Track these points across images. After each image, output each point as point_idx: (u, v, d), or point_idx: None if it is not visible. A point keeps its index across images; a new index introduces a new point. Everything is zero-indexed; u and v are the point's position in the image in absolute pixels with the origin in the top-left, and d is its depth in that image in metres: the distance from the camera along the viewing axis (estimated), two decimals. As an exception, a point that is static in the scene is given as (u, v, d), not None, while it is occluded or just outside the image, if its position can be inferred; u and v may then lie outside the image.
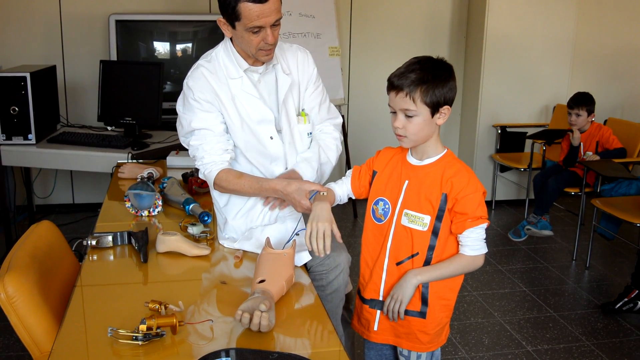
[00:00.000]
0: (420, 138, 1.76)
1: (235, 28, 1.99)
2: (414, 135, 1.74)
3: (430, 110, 1.71)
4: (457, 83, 1.78)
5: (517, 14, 4.90)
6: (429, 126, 1.74)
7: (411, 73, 1.70)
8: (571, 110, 4.29)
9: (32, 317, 1.70)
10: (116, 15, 4.26)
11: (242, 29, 1.97)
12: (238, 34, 2.00)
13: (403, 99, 1.71)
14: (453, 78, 1.75)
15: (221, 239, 2.22)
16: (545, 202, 4.36)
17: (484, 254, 1.80)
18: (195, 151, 2.13)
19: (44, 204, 4.77)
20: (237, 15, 1.93)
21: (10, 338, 3.01)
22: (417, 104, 1.70)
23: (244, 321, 1.56)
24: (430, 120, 1.73)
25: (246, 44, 2.01)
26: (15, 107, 3.56)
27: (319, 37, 4.46)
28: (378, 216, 1.87)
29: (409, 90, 1.69)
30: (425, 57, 1.75)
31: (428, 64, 1.72)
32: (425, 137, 1.76)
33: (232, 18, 1.96)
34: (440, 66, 1.74)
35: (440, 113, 1.73)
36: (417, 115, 1.71)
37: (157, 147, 3.56)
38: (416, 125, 1.72)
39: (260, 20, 1.92)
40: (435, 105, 1.71)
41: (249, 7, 1.91)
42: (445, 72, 1.73)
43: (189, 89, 2.11)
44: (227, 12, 1.96)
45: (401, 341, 1.88)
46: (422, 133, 1.75)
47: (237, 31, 2.00)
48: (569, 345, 3.10)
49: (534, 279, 3.88)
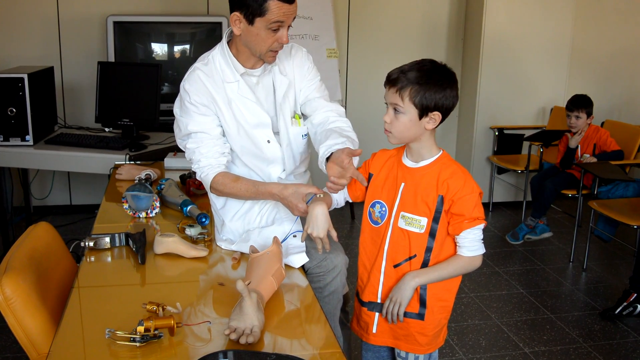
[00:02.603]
0: (405, 137, 1.76)
1: (254, 24, 1.98)
2: (399, 133, 1.75)
3: (418, 112, 1.70)
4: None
5: (515, 16, 4.91)
6: (415, 127, 1.73)
7: (409, 72, 1.70)
8: (570, 113, 4.29)
9: (29, 319, 1.70)
10: (114, 17, 4.26)
11: (262, 26, 1.97)
12: (254, 31, 1.99)
13: (394, 95, 1.71)
14: (452, 87, 1.72)
15: (219, 240, 2.22)
16: (543, 205, 4.37)
17: (481, 255, 1.80)
18: (192, 154, 2.13)
19: (42, 205, 4.76)
20: (263, 10, 1.94)
21: (7, 339, 3.00)
22: (404, 102, 1.70)
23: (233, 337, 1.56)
24: (418, 122, 1.72)
25: (259, 42, 2.01)
26: (12, 108, 3.56)
27: (316, 38, 4.46)
28: (375, 219, 1.87)
29: (400, 86, 1.70)
30: (429, 60, 1.74)
31: (427, 67, 1.71)
32: (411, 137, 1.76)
33: (256, 13, 1.95)
34: (440, 71, 1.72)
35: (429, 117, 1.72)
36: (404, 114, 1.71)
37: (154, 149, 3.55)
38: (402, 124, 1.73)
39: (284, 17, 1.96)
40: (424, 108, 1.70)
41: (278, 5, 1.94)
42: (444, 79, 1.71)
43: (185, 92, 2.11)
44: (250, 7, 1.95)
45: (400, 343, 1.89)
46: (407, 132, 1.74)
47: (253, 28, 1.99)
48: (566, 347, 3.11)
49: (531, 280, 3.89)
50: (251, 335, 1.55)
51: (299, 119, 2.21)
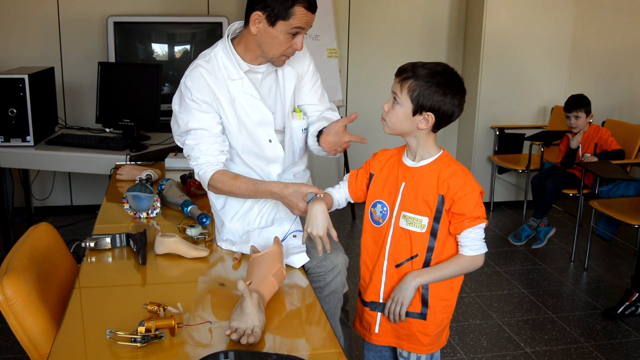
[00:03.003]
0: (397, 129, 1.77)
1: (275, 26, 1.99)
2: (392, 123, 1.76)
3: (413, 108, 1.71)
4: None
5: (515, 15, 4.90)
6: (407, 122, 1.74)
7: (419, 67, 1.71)
8: (569, 114, 4.28)
9: (30, 319, 1.69)
10: (114, 17, 4.26)
11: (283, 29, 1.99)
12: (273, 33, 2.00)
13: (397, 84, 1.73)
14: (454, 94, 1.70)
15: (219, 241, 2.22)
16: (545, 205, 4.36)
17: (483, 254, 1.80)
18: (191, 151, 2.12)
19: (42, 205, 4.77)
20: (288, 14, 1.96)
21: (8, 340, 3.00)
22: (402, 93, 1.71)
23: (234, 338, 1.56)
24: (411, 117, 1.72)
25: (275, 45, 2.02)
26: (13, 108, 3.56)
27: (317, 38, 4.46)
28: (376, 219, 1.87)
29: (403, 77, 1.71)
30: (444, 64, 1.74)
31: (437, 68, 1.71)
32: (403, 131, 1.77)
33: (280, 16, 1.97)
34: (448, 76, 1.71)
35: (422, 116, 1.71)
36: (400, 105, 1.72)
37: (155, 149, 3.55)
38: (396, 115, 1.74)
39: (305, 24, 2.01)
40: (419, 105, 1.70)
41: (303, 12, 1.98)
42: (449, 84, 1.69)
43: (186, 89, 2.09)
44: (275, 9, 1.96)
45: (402, 343, 1.88)
46: (399, 125, 1.75)
47: (273, 30, 2.00)
48: (567, 347, 3.11)
49: (532, 280, 3.88)
50: (252, 336, 1.55)
51: (299, 112, 2.22)
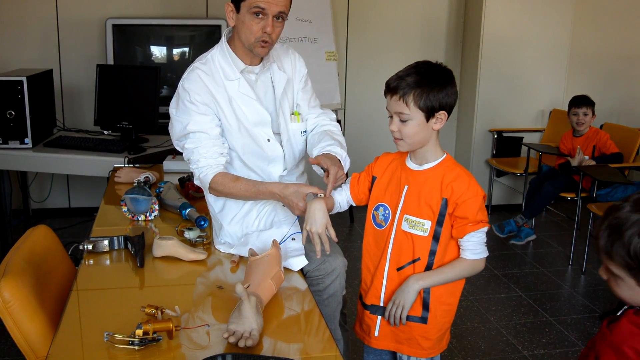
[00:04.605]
0: (416, 142, 1.76)
1: (240, 12, 2.01)
2: (410, 139, 1.75)
3: (425, 115, 1.71)
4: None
5: (513, 19, 4.91)
6: (424, 130, 1.74)
7: (407, 77, 1.70)
8: (578, 110, 4.32)
9: (28, 322, 1.69)
10: (113, 20, 4.26)
11: (245, 11, 2.00)
12: (240, 18, 2.02)
13: (397, 103, 1.72)
14: (451, 84, 1.74)
15: (217, 243, 2.21)
16: (538, 206, 4.37)
17: (484, 258, 1.80)
18: (190, 154, 2.12)
19: (40, 208, 4.76)
20: None
21: (5, 343, 3.00)
22: (410, 107, 1.70)
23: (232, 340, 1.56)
24: (425, 124, 1.73)
25: (247, 31, 2.02)
26: (11, 111, 3.55)
27: (315, 41, 4.46)
28: (379, 222, 1.87)
29: (402, 93, 1.70)
30: (424, 62, 1.75)
31: (424, 68, 1.72)
32: (422, 141, 1.76)
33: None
34: (438, 71, 1.74)
35: (436, 118, 1.73)
36: (412, 120, 1.72)
37: (153, 152, 3.55)
38: (411, 129, 1.73)
39: (265, 4, 1.97)
40: (430, 110, 1.71)
41: None
42: (443, 78, 1.72)
43: (184, 91, 2.10)
44: None
45: (402, 347, 1.88)
46: (417, 137, 1.75)
47: (240, 15, 2.02)
48: (565, 350, 3.11)
49: (530, 283, 3.88)
50: (250, 339, 1.54)
51: (298, 116, 2.22)
